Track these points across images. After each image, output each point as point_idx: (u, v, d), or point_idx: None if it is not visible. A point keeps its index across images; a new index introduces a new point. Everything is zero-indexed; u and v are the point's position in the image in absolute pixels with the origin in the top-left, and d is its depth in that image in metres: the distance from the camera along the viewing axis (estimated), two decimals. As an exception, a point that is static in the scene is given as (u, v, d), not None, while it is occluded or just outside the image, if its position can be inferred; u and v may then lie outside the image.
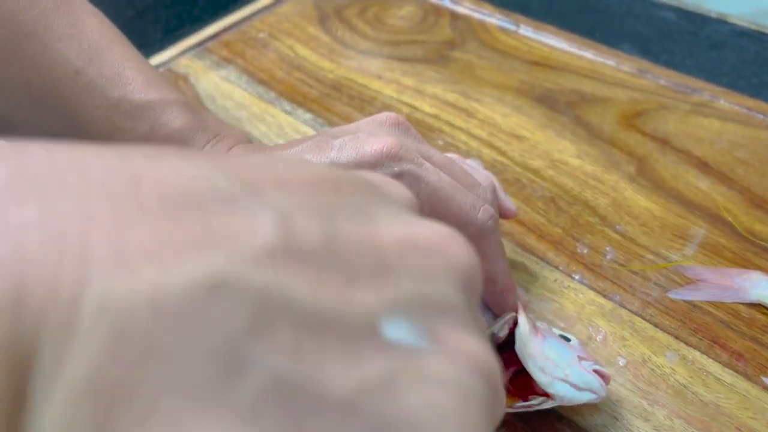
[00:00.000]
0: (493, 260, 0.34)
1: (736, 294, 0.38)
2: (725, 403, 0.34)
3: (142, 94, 0.35)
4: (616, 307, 0.38)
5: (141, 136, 0.34)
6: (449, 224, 0.31)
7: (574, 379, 0.31)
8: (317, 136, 0.35)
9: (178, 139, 0.34)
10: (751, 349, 0.36)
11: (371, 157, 0.32)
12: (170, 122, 0.35)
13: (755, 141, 0.47)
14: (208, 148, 0.35)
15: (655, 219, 0.43)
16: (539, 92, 0.54)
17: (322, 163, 0.32)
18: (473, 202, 0.33)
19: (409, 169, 0.32)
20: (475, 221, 0.33)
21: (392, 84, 0.56)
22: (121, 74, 0.35)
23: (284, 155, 0.33)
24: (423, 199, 0.32)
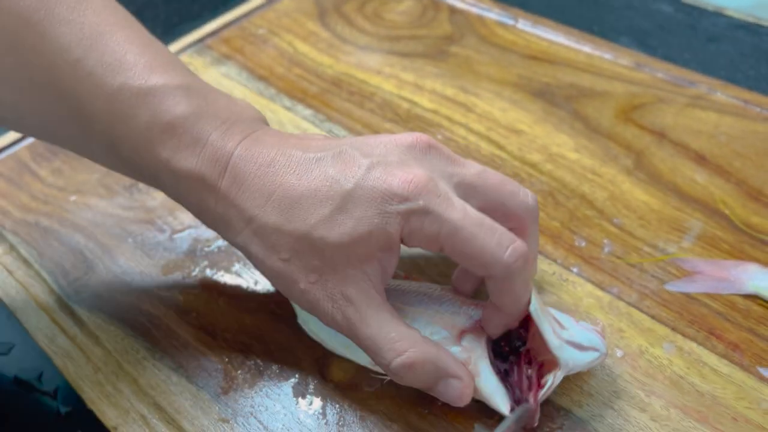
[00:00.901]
0: (516, 299, 0.32)
1: (733, 286, 0.39)
2: (721, 394, 0.34)
3: (142, 80, 0.33)
4: (614, 299, 0.39)
5: (143, 124, 0.33)
6: (475, 263, 0.31)
7: (579, 338, 0.33)
8: (342, 144, 0.34)
9: (181, 127, 0.33)
10: (748, 340, 0.36)
11: (398, 189, 0.31)
12: (172, 109, 0.33)
13: (752, 134, 0.48)
14: (215, 137, 0.33)
15: (652, 212, 0.43)
16: (537, 87, 0.54)
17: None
18: (499, 240, 0.31)
19: (434, 206, 0.31)
20: (499, 262, 0.31)
21: (392, 79, 0.56)
22: (121, 60, 0.33)
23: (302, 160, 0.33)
24: (445, 238, 0.31)
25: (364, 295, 0.32)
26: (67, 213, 0.47)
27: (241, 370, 0.37)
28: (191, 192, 0.34)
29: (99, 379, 0.38)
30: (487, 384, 0.33)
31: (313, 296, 0.32)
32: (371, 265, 0.32)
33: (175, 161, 0.33)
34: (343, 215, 0.31)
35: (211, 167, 0.33)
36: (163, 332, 0.40)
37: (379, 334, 0.32)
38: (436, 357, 0.32)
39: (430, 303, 0.36)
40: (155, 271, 0.43)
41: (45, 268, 0.44)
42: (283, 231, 0.32)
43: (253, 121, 0.35)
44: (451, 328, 0.34)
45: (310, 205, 0.32)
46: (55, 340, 0.40)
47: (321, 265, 0.32)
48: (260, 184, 0.32)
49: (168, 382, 0.37)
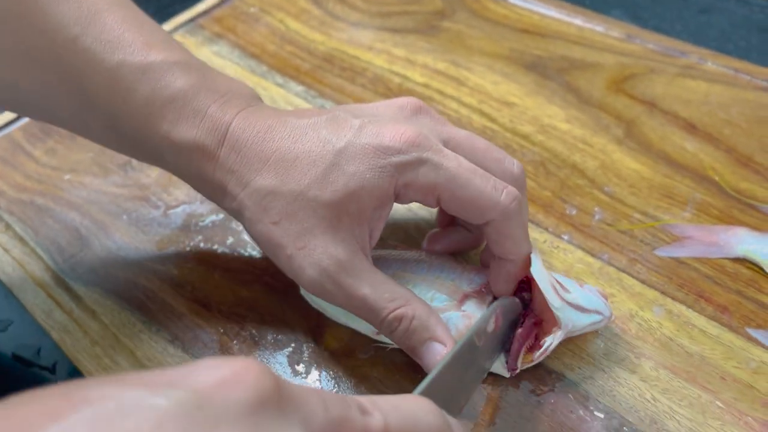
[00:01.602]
0: (517, 242, 0.33)
1: (722, 250, 0.39)
2: (710, 354, 0.35)
3: (142, 56, 0.34)
4: (604, 265, 0.39)
5: (143, 99, 0.33)
6: (472, 208, 0.32)
7: (582, 301, 0.34)
8: (335, 110, 0.35)
9: (180, 100, 0.34)
10: (736, 302, 0.37)
11: (390, 142, 0.32)
12: (172, 83, 0.34)
13: (742, 101, 0.48)
14: (213, 109, 0.34)
15: (642, 180, 0.44)
16: (529, 59, 0.54)
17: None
18: (494, 185, 0.32)
19: (427, 156, 0.32)
20: (497, 204, 0.32)
21: (383, 55, 0.56)
22: (120, 37, 0.34)
23: (297, 124, 0.33)
24: (443, 186, 0.32)
25: (354, 256, 0.32)
26: (61, 192, 0.47)
27: (237, 340, 0.38)
28: (191, 162, 0.34)
29: (96, 352, 0.38)
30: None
31: (299, 263, 0.32)
32: (361, 226, 0.33)
33: (175, 133, 0.34)
34: (336, 173, 0.32)
35: (211, 137, 0.33)
36: (159, 305, 0.40)
37: (372, 293, 0.32)
38: (427, 318, 0.32)
39: (431, 269, 0.36)
40: (150, 246, 0.43)
41: (41, 246, 0.44)
42: (278, 192, 0.32)
43: (250, 98, 0.36)
44: (452, 293, 0.35)
45: (304, 165, 0.32)
46: (52, 315, 0.40)
47: (311, 227, 0.32)
48: (257, 149, 0.33)
49: (165, 354, 0.38)
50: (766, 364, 0.34)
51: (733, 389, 0.33)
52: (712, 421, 0.32)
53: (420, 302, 0.33)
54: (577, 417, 0.33)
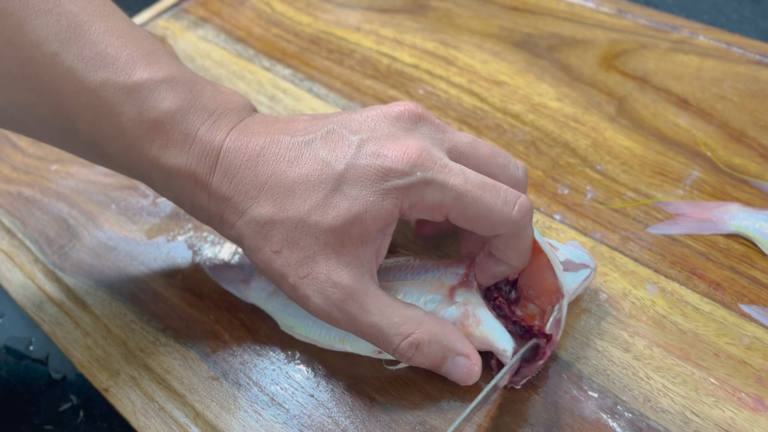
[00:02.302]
0: (522, 254, 0.33)
1: (715, 226, 0.39)
2: (703, 331, 0.35)
3: (126, 75, 0.32)
4: (597, 244, 0.39)
5: (129, 121, 0.32)
6: (483, 224, 0.31)
7: (570, 255, 0.34)
8: (329, 122, 0.32)
9: (168, 123, 0.32)
10: (729, 278, 0.37)
11: (392, 164, 0.30)
12: (158, 104, 0.32)
13: (734, 76, 0.48)
14: (203, 131, 0.32)
15: (634, 157, 0.43)
16: (519, 37, 0.53)
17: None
18: (505, 199, 0.31)
19: (432, 176, 0.30)
20: (509, 220, 0.31)
21: (371, 35, 0.55)
22: (102, 53, 0.32)
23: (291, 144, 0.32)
24: (450, 205, 0.31)
25: (360, 282, 0.31)
26: (48, 182, 0.47)
27: (229, 328, 0.37)
28: (183, 189, 0.33)
29: (88, 343, 0.38)
30: (490, 329, 0.33)
31: (303, 292, 0.31)
32: (366, 248, 0.31)
33: (164, 159, 0.32)
34: (337, 197, 0.30)
35: (202, 163, 0.32)
36: (149, 295, 0.40)
37: (381, 320, 0.31)
38: (443, 335, 0.32)
39: (416, 273, 0.36)
40: (140, 236, 0.43)
41: (29, 238, 0.43)
42: (277, 221, 0.31)
43: (241, 110, 0.34)
44: (441, 289, 0.35)
45: (303, 191, 0.31)
46: (42, 307, 0.40)
47: (313, 255, 0.31)
48: (252, 175, 0.31)
49: (156, 344, 0.37)
50: (759, 339, 0.34)
51: (726, 365, 0.33)
52: (706, 398, 0.32)
53: (431, 320, 0.32)
54: (571, 397, 0.33)
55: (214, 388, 0.35)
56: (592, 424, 0.32)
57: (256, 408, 0.34)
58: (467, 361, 0.32)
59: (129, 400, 0.35)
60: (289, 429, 0.33)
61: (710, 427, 0.31)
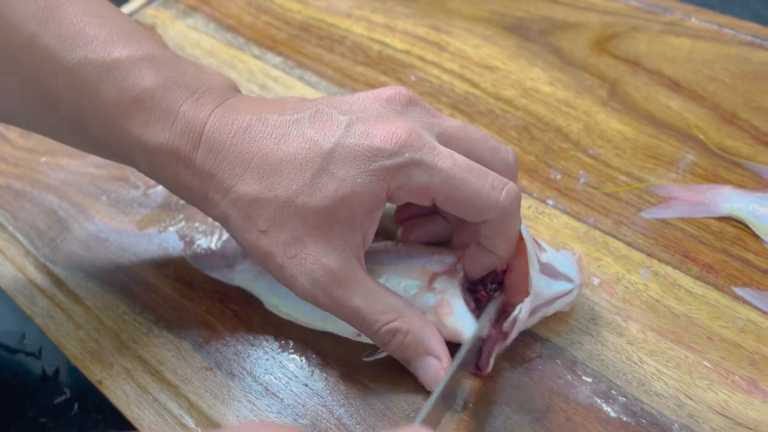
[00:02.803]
0: (510, 241, 0.33)
1: (707, 209, 0.39)
2: (696, 314, 0.35)
3: (105, 53, 0.31)
4: (590, 229, 0.39)
5: (109, 99, 0.31)
6: (470, 208, 0.31)
7: (555, 262, 0.33)
8: (318, 103, 0.32)
9: (150, 100, 0.31)
10: (722, 261, 0.37)
11: (381, 144, 0.30)
12: (139, 82, 0.31)
13: (726, 57, 0.47)
14: (186, 108, 0.31)
15: (627, 141, 0.43)
16: (510, 21, 0.53)
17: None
18: (492, 183, 0.31)
19: (420, 157, 0.30)
20: (496, 205, 0.31)
21: (362, 22, 0.55)
22: (81, 32, 0.31)
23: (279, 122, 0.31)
24: (437, 187, 0.30)
25: (347, 265, 0.31)
26: (38, 174, 0.46)
27: (222, 319, 0.37)
28: (166, 168, 0.32)
29: (81, 336, 0.38)
30: (460, 320, 0.33)
31: (290, 272, 0.31)
32: (353, 231, 0.31)
33: (146, 136, 0.31)
34: (325, 177, 0.30)
35: (185, 140, 0.31)
36: (141, 286, 0.39)
37: (365, 305, 0.31)
38: (421, 332, 0.32)
39: (401, 258, 0.36)
40: (131, 227, 0.43)
41: (20, 231, 0.43)
42: (263, 200, 0.30)
43: (225, 89, 0.33)
44: (422, 276, 0.34)
45: (290, 170, 0.30)
46: (34, 300, 0.40)
47: (301, 236, 0.31)
48: (237, 152, 0.31)
49: (149, 335, 0.37)
50: (752, 322, 0.34)
51: (719, 348, 0.33)
52: (699, 381, 0.32)
53: (413, 313, 0.32)
54: (565, 382, 0.33)
55: (208, 379, 0.35)
56: (586, 408, 0.32)
57: (250, 398, 0.34)
58: (437, 363, 0.32)
59: (123, 392, 0.35)
60: (283, 418, 0.33)
61: (704, 410, 0.31)
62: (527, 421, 0.32)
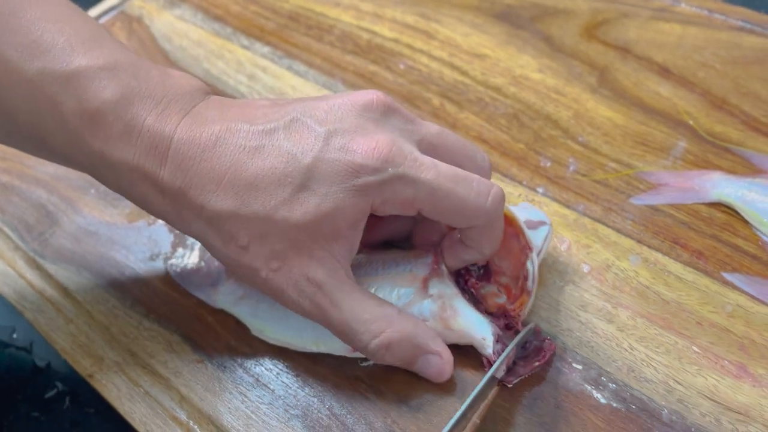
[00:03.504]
0: (493, 243, 0.33)
1: (697, 195, 0.39)
2: (686, 300, 0.35)
3: (63, 63, 0.29)
4: (580, 216, 0.39)
5: (69, 113, 0.30)
6: (456, 217, 0.31)
7: (528, 214, 0.36)
8: (291, 110, 0.31)
9: (111, 113, 0.30)
10: (711, 247, 0.37)
11: (363, 160, 0.29)
12: (99, 94, 0.29)
13: (716, 43, 0.47)
14: (150, 121, 0.30)
15: (617, 128, 0.43)
16: (499, 9, 0.53)
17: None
18: (477, 190, 0.30)
19: (404, 171, 0.29)
20: (482, 212, 0.30)
21: (350, 10, 0.55)
22: (38, 41, 0.29)
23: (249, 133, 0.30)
24: (423, 199, 0.30)
25: (333, 277, 0.30)
26: (26, 168, 0.46)
27: (212, 311, 0.37)
28: (133, 186, 0.31)
29: (71, 330, 0.38)
30: (468, 320, 0.33)
31: (277, 284, 0.30)
32: (338, 243, 0.30)
33: (109, 153, 0.30)
34: (305, 193, 0.29)
35: (151, 156, 0.30)
36: (131, 280, 0.39)
37: (352, 317, 0.30)
38: (414, 334, 0.31)
39: (387, 267, 0.35)
40: (120, 220, 0.42)
41: (8, 225, 0.43)
42: (241, 216, 0.29)
43: (193, 94, 0.31)
44: (414, 282, 0.34)
45: (267, 185, 0.29)
46: (24, 295, 0.39)
47: (284, 249, 0.30)
48: (208, 167, 0.29)
49: (140, 328, 0.37)
50: (741, 307, 0.34)
51: (709, 334, 0.33)
52: (689, 366, 0.32)
53: (403, 319, 0.31)
54: (555, 369, 0.33)
55: (199, 371, 0.35)
56: (577, 395, 0.32)
57: (241, 389, 0.34)
58: (438, 359, 0.32)
59: (114, 386, 0.35)
60: (275, 409, 0.33)
61: (693, 395, 0.31)
62: (518, 408, 0.32)
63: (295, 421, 0.33)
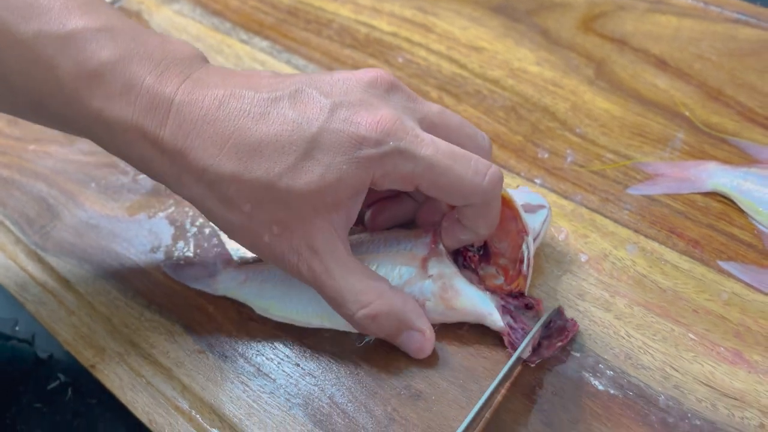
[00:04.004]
0: (490, 223, 0.33)
1: (693, 185, 0.39)
2: (683, 288, 0.35)
3: (60, 24, 0.29)
4: (577, 206, 0.39)
5: (67, 73, 0.30)
6: (454, 194, 0.31)
7: (526, 198, 0.36)
8: (297, 82, 0.31)
9: (109, 73, 0.30)
10: (707, 236, 0.37)
11: (367, 132, 0.30)
12: (96, 54, 0.30)
13: (712, 35, 0.48)
14: (149, 81, 0.30)
15: (614, 119, 0.43)
16: (497, 2, 0.53)
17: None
18: (476, 168, 0.31)
19: (405, 146, 0.30)
20: (479, 190, 0.31)
21: (349, 4, 0.55)
22: (34, 4, 0.30)
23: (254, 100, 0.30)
24: (421, 175, 0.30)
25: (331, 246, 0.31)
26: (26, 162, 0.46)
27: (213, 301, 0.38)
28: (131, 146, 0.31)
29: (73, 321, 0.38)
30: (469, 298, 0.33)
31: (279, 249, 0.31)
32: (338, 213, 0.31)
33: (107, 112, 0.30)
34: (310, 162, 0.30)
35: (150, 116, 0.30)
36: (133, 272, 0.40)
37: (344, 286, 0.31)
38: (401, 310, 0.32)
39: (389, 245, 0.36)
40: (121, 213, 0.43)
41: (9, 219, 0.43)
42: (243, 181, 0.30)
43: (192, 61, 0.32)
44: (414, 261, 0.35)
45: (272, 152, 0.29)
46: (26, 287, 0.40)
47: (286, 217, 0.30)
48: (211, 131, 0.30)
49: (142, 319, 0.37)
50: (737, 295, 0.34)
51: (705, 321, 0.34)
52: (685, 353, 0.33)
53: (393, 294, 0.32)
54: (553, 357, 0.33)
55: (201, 361, 0.35)
56: (575, 382, 0.32)
57: (242, 379, 0.34)
58: (421, 336, 0.33)
59: (116, 376, 0.35)
60: (276, 398, 0.34)
61: (690, 382, 0.32)
62: (516, 395, 0.32)
63: (296, 409, 0.33)
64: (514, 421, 0.31)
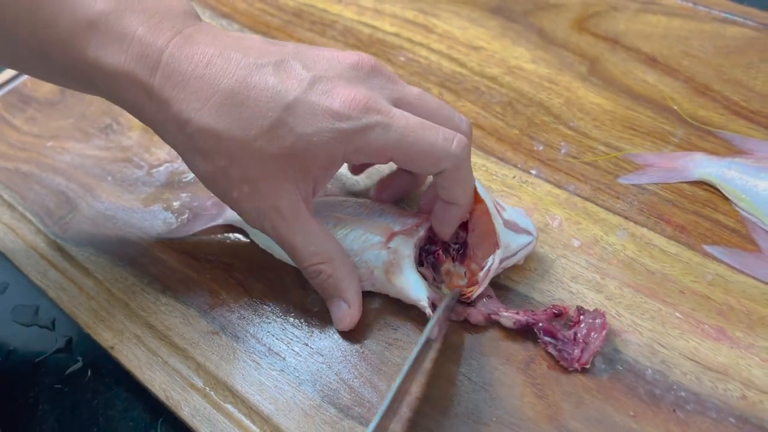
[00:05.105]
0: (466, 188, 0.35)
1: (681, 174, 0.41)
2: (670, 271, 0.37)
3: None
4: (570, 195, 0.41)
5: (65, 23, 0.32)
6: (426, 162, 0.33)
7: (515, 219, 0.36)
8: (283, 52, 0.33)
9: (103, 23, 0.32)
10: (694, 222, 0.39)
11: (340, 107, 0.32)
12: (93, 5, 0.32)
13: (701, 33, 0.50)
14: (142, 32, 0.32)
15: (606, 113, 0.46)
16: (494, 3, 0.55)
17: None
18: (444, 135, 0.33)
19: (376, 120, 0.32)
20: (449, 154, 0.33)
21: (352, 6, 0.57)
22: None
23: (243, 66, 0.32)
24: (393, 146, 0.32)
25: (294, 208, 0.34)
26: (45, 158, 0.49)
27: (225, 287, 0.40)
28: (124, 91, 0.33)
29: (92, 306, 0.40)
30: (407, 279, 0.36)
31: (244, 207, 0.34)
32: (305, 181, 0.33)
33: (103, 58, 0.32)
34: (284, 129, 0.32)
35: (141, 64, 0.32)
36: (149, 259, 0.42)
37: (301, 245, 0.35)
38: (341, 279, 0.35)
39: (371, 214, 0.38)
40: (137, 204, 0.45)
41: (29, 210, 0.45)
42: (221, 137, 0.32)
43: (185, 16, 0.34)
44: (383, 233, 0.37)
45: (249, 115, 0.32)
46: (46, 275, 0.42)
47: (255, 176, 0.33)
48: (197, 85, 0.32)
49: (158, 303, 0.39)
50: (721, 276, 0.36)
51: (690, 301, 0.36)
52: (672, 331, 0.35)
53: (341, 261, 0.35)
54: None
55: (214, 342, 0.37)
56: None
57: (254, 357, 0.36)
58: (347, 308, 0.36)
59: (134, 356, 0.37)
60: (286, 376, 0.36)
61: (676, 357, 0.34)
62: (513, 371, 0.34)
63: (305, 385, 0.35)
64: (509, 394, 0.33)
